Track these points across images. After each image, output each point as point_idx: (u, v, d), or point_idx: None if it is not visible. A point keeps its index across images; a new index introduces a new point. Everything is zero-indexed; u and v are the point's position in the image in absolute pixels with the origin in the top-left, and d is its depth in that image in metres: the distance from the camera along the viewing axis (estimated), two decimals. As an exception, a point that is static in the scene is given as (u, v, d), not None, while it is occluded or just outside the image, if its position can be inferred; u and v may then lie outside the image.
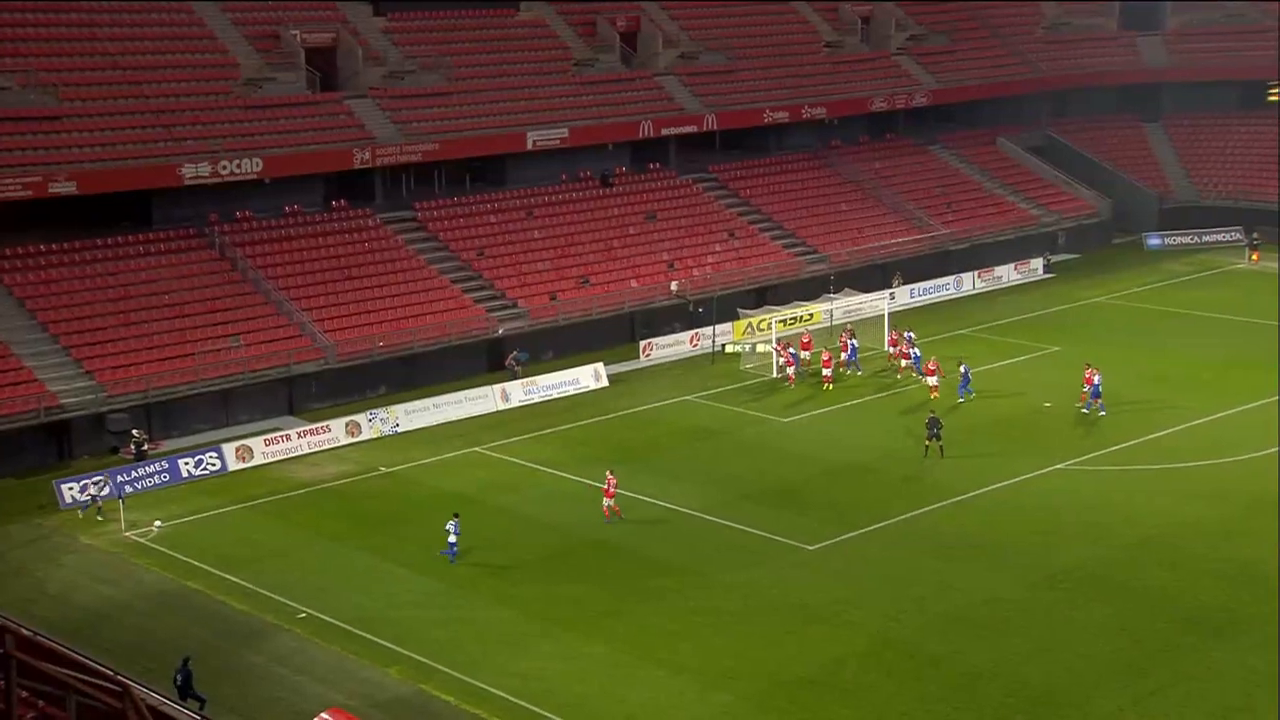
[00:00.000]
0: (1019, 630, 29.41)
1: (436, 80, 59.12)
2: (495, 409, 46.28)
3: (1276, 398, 44.38)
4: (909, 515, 36.06)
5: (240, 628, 30.22)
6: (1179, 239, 71.66)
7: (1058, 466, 39.33)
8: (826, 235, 63.96)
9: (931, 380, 46.26)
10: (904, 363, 49.27)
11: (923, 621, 30.03)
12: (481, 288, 54.18)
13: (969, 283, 63.87)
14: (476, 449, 42.45)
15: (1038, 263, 66.53)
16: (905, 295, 61.16)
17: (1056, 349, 52.24)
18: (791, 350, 49.16)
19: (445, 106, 58.51)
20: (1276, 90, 78.68)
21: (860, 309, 56.56)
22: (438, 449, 42.35)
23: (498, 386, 47.20)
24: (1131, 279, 64.73)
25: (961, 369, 47.45)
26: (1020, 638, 29.11)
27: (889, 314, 53.93)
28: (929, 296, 62.14)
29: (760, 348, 51.95)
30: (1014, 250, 66.91)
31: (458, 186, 59.90)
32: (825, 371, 47.29)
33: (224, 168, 49.85)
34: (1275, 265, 65.19)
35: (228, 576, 32.84)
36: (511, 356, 49.86)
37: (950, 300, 61.97)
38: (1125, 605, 30.29)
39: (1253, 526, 34.34)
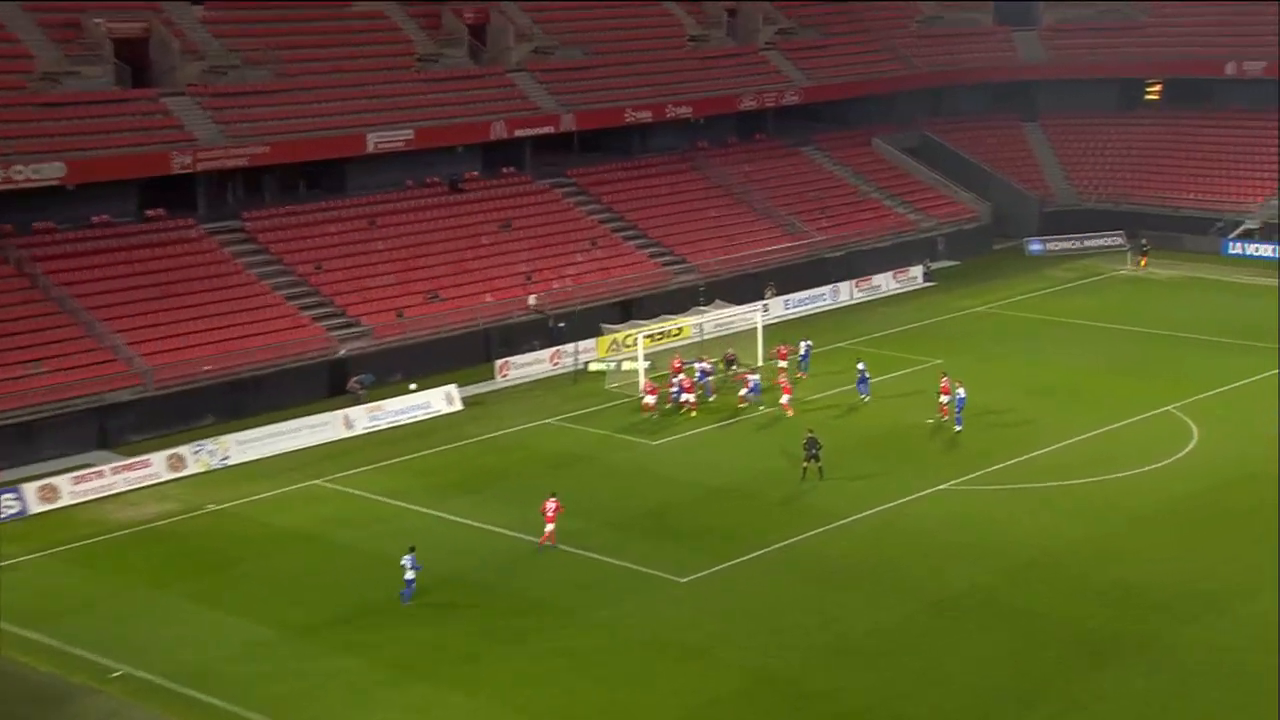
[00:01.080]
0: (904, 662, 30.02)
1: (264, 76, 57.96)
2: (337, 437, 45.62)
3: (1167, 409, 46.39)
4: (787, 542, 36.52)
5: (45, 692, 28.98)
6: (1060, 244, 74.50)
7: (941, 486, 40.36)
8: (695, 243, 64.60)
9: (784, 399, 47.19)
10: (781, 363, 50.22)
11: (803, 656, 30.38)
12: (320, 305, 53.31)
13: (846, 293, 65.22)
14: (317, 481, 41.72)
15: (917, 270, 68.36)
16: (779, 307, 62.08)
17: (938, 361, 53.66)
18: (699, 371, 48.72)
19: (275, 105, 57.39)
20: (1155, 89, 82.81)
21: (732, 322, 57.21)
22: (274, 483, 41.52)
23: (340, 413, 46.61)
24: (1013, 286, 66.99)
25: (859, 367, 48.91)
26: (905, 670, 29.71)
27: (762, 327, 54.68)
28: (804, 308, 63.21)
29: (626, 365, 52.16)
30: (892, 257, 68.62)
31: (291, 194, 58.81)
32: (687, 397, 47.35)
33: (18, 173, 47.95)
34: (1165, 272, 68.23)
35: (29, 634, 31.47)
36: (354, 380, 49.20)
37: (827, 311, 63.12)
38: (1012, 632, 31.19)
39: (1136, 546, 35.73)
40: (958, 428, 44.36)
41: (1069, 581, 33.70)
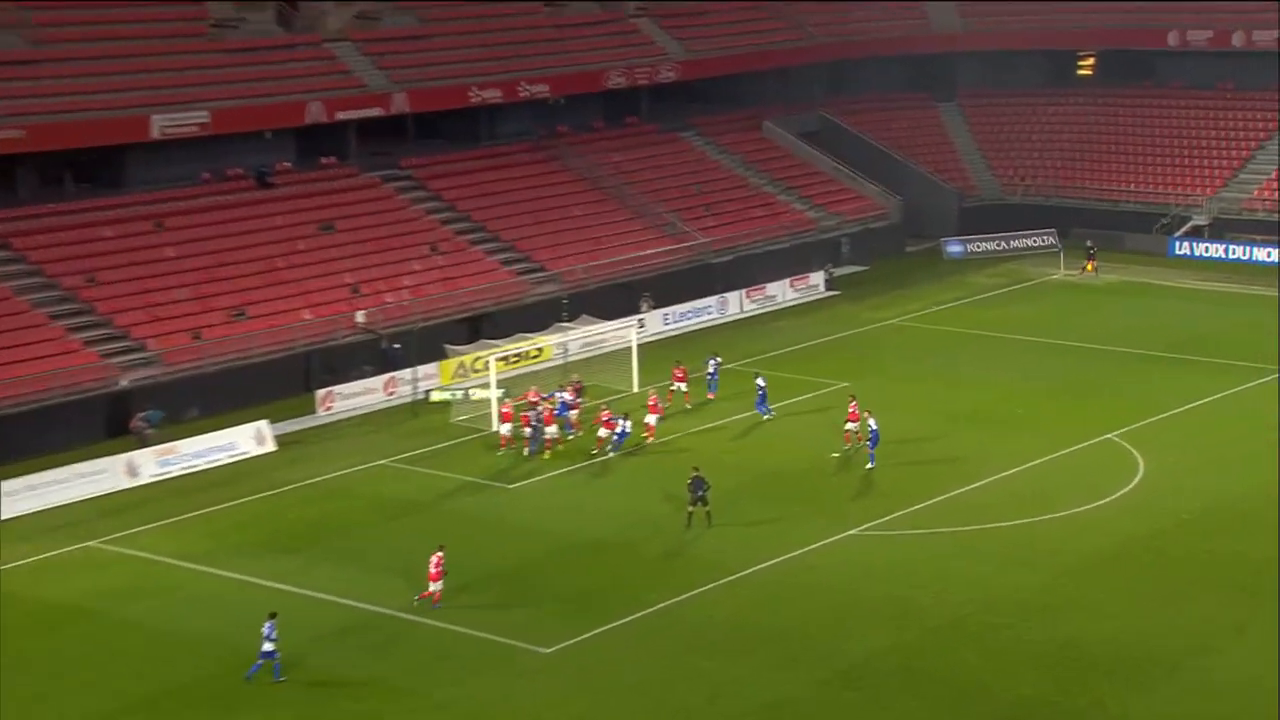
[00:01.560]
0: (810, 742, 30.32)
1: (13, 43, 56.36)
2: (119, 487, 44.63)
3: (1109, 437, 47.74)
4: (670, 602, 36.58)
5: None
6: (984, 245, 76.33)
7: (850, 532, 40.88)
8: (556, 248, 64.76)
9: (650, 419, 47.66)
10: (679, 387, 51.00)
11: (690, 740, 30.53)
12: (95, 326, 52.06)
13: (735, 304, 65.86)
14: (93, 543, 40.68)
15: (818, 277, 69.39)
16: (657, 322, 62.52)
17: (844, 385, 54.46)
18: (561, 402, 48.83)
19: (30, 81, 55.94)
20: (1088, 62, 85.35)
21: (603, 341, 57.46)
22: (37, 545, 40.39)
23: (121, 458, 45.63)
24: (930, 295, 68.36)
25: (759, 384, 49.71)
26: (812, 752, 30.03)
27: (637, 346, 54.89)
28: (687, 323, 63.70)
29: (476, 394, 52.02)
30: (789, 262, 69.51)
31: (54, 189, 57.35)
32: (550, 432, 47.09)
33: None
34: (1103, 276, 70.35)
35: None
36: (140, 417, 48.18)
37: (714, 327, 63.63)
38: (935, 703, 31.61)
39: (1076, 599, 36.50)
40: (870, 465, 45.01)
41: (1001, 642, 34.30)
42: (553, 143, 71.06)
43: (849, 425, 46.36)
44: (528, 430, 47.70)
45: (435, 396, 52.92)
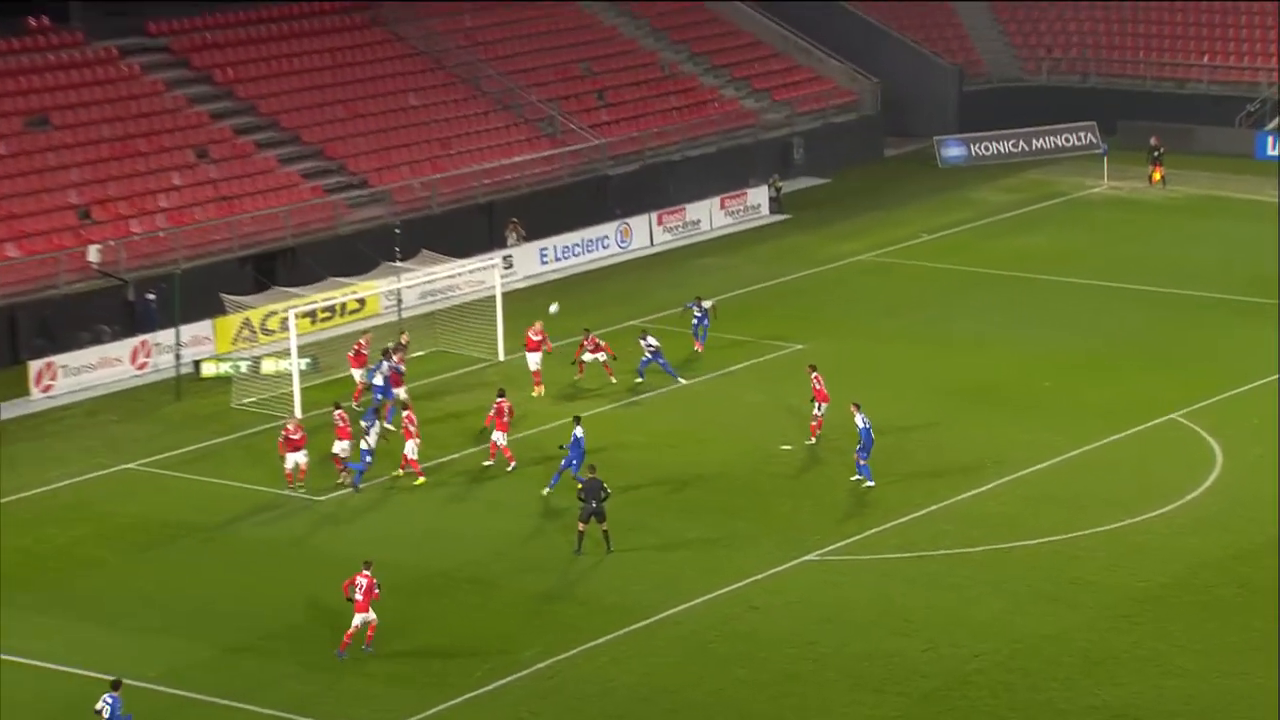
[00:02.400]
0: None
1: None
2: None
3: (1172, 418, 48.37)
4: (553, 661, 36.58)
5: None
6: (995, 146, 76.92)
7: (809, 557, 41.07)
8: (383, 154, 64.57)
9: (538, 391, 48.62)
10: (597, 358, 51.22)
11: None
12: None
13: (643, 234, 65.89)
14: None
15: (760, 195, 69.54)
16: (531, 261, 62.29)
17: (799, 347, 54.64)
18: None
19: None
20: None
21: (453, 287, 57.31)
22: None
23: None
24: (918, 218, 68.73)
25: (647, 343, 50.90)
26: None
27: (503, 294, 54.65)
28: (574, 260, 63.69)
29: (270, 365, 51.60)
30: (719, 173, 69.71)
31: None
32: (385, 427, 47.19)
33: None
34: (1164, 190, 71.14)
35: None
36: None
37: (612, 266, 63.71)
38: (931, 798, 32.06)
39: (1131, 647, 36.87)
40: (865, 482, 44.99)
41: (1020, 714, 34.61)
42: (374, 2, 70.50)
43: (817, 408, 46.47)
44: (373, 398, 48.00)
45: (209, 369, 52.62)
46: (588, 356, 51.32)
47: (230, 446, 48.27)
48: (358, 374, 50.23)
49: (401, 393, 48.93)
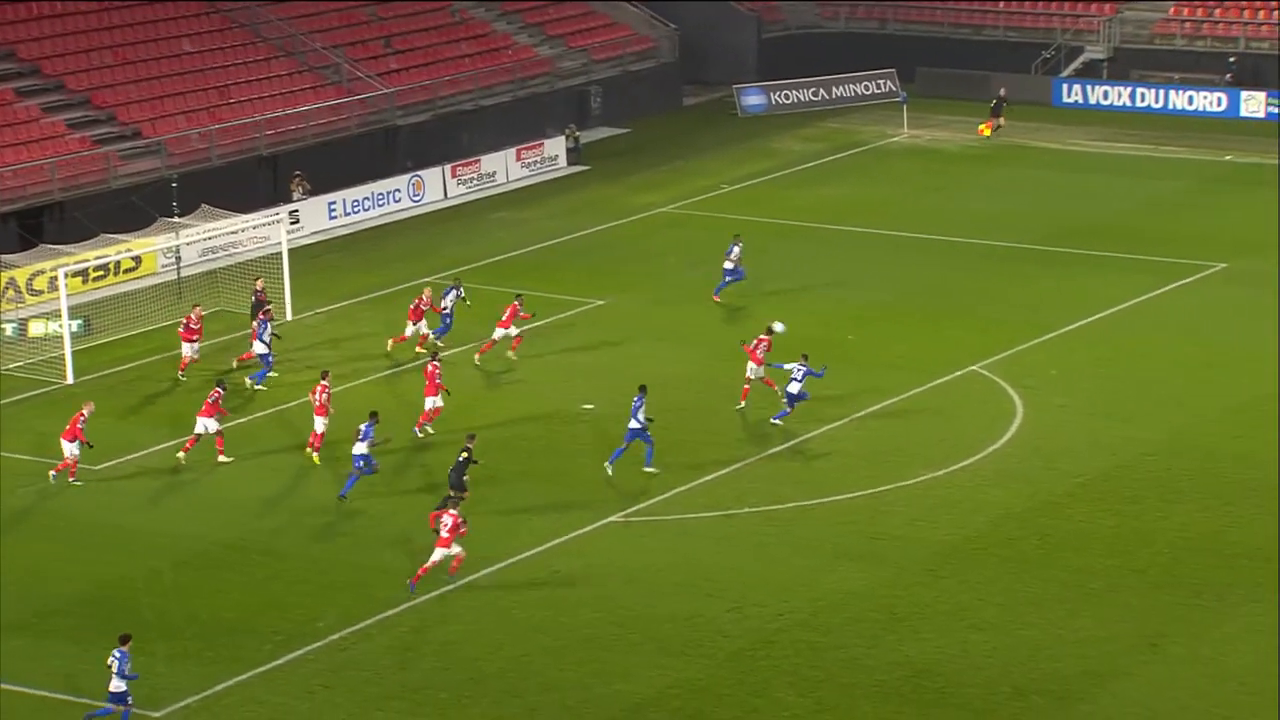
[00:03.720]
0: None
1: None
2: None
3: (974, 369, 49.02)
4: (348, 632, 36.37)
5: None
6: (796, 94, 77.44)
7: (613, 519, 41.22)
8: (156, 104, 63.82)
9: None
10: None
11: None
12: None
13: (436, 187, 65.65)
14: None
15: (557, 145, 69.53)
16: (319, 215, 61.98)
17: (600, 302, 54.68)
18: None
19: None
20: None
21: (236, 244, 56.66)
22: None
23: None
24: (719, 169, 69.15)
25: (447, 300, 50.20)
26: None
27: (289, 250, 54.33)
28: (363, 215, 63.35)
29: (39, 327, 51.06)
30: (514, 124, 69.67)
31: None
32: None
33: None
34: (961, 136, 72.03)
35: None
36: None
37: (404, 220, 63.48)
38: (737, 761, 32.30)
39: (935, 602, 37.45)
40: (777, 419, 45.70)
41: (826, 672, 34.93)
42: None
43: (753, 370, 46.50)
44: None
45: (-26, 331, 51.73)
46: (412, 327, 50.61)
47: (-5, 416, 47.50)
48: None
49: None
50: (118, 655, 32.74)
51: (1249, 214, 61.24)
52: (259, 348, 48.54)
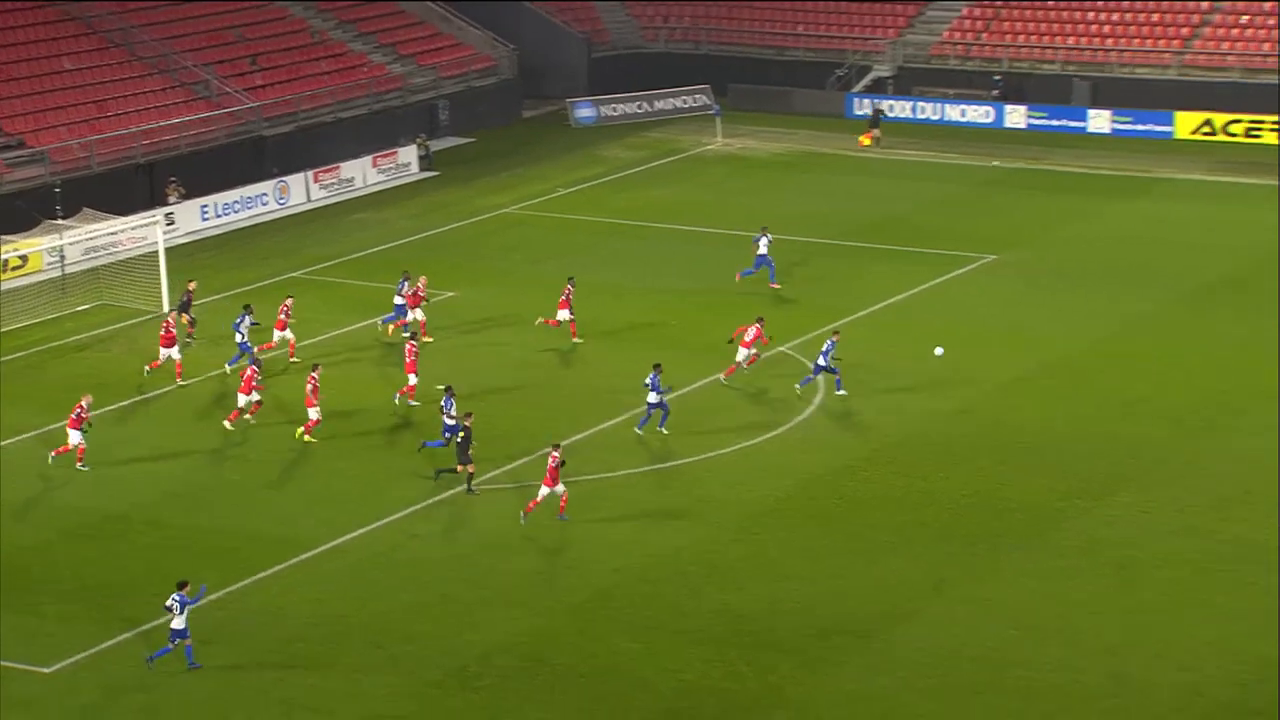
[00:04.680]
0: (417, 767, 30.35)
1: None
2: None
3: (783, 350, 49.24)
4: (225, 592, 36.00)
5: None
6: (621, 107, 77.59)
7: (461, 489, 41.01)
8: (40, 116, 62.72)
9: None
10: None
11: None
12: None
13: (300, 191, 65.05)
14: None
15: (410, 154, 69.15)
16: (192, 218, 61.14)
17: (451, 294, 54.41)
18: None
19: None
20: None
21: (116, 244, 55.92)
22: None
23: None
24: (555, 174, 69.11)
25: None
26: (420, 779, 30.08)
27: (165, 250, 53.64)
28: (234, 217, 62.64)
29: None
30: (370, 134, 69.24)
31: None
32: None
33: None
34: (768, 145, 72.50)
35: None
36: None
37: (271, 222, 62.88)
38: (577, 699, 32.12)
39: (751, 557, 37.75)
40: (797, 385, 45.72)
41: (656, 620, 35.07)
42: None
43: (742, 353, 46.47)
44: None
45: None
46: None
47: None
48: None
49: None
50: (176, 599, 32.58)
51: (1013, 212, 62.27)
52: (238, 337, 47.16)
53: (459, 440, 40.87)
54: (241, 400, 44.16)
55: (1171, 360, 47.84)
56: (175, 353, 46.79)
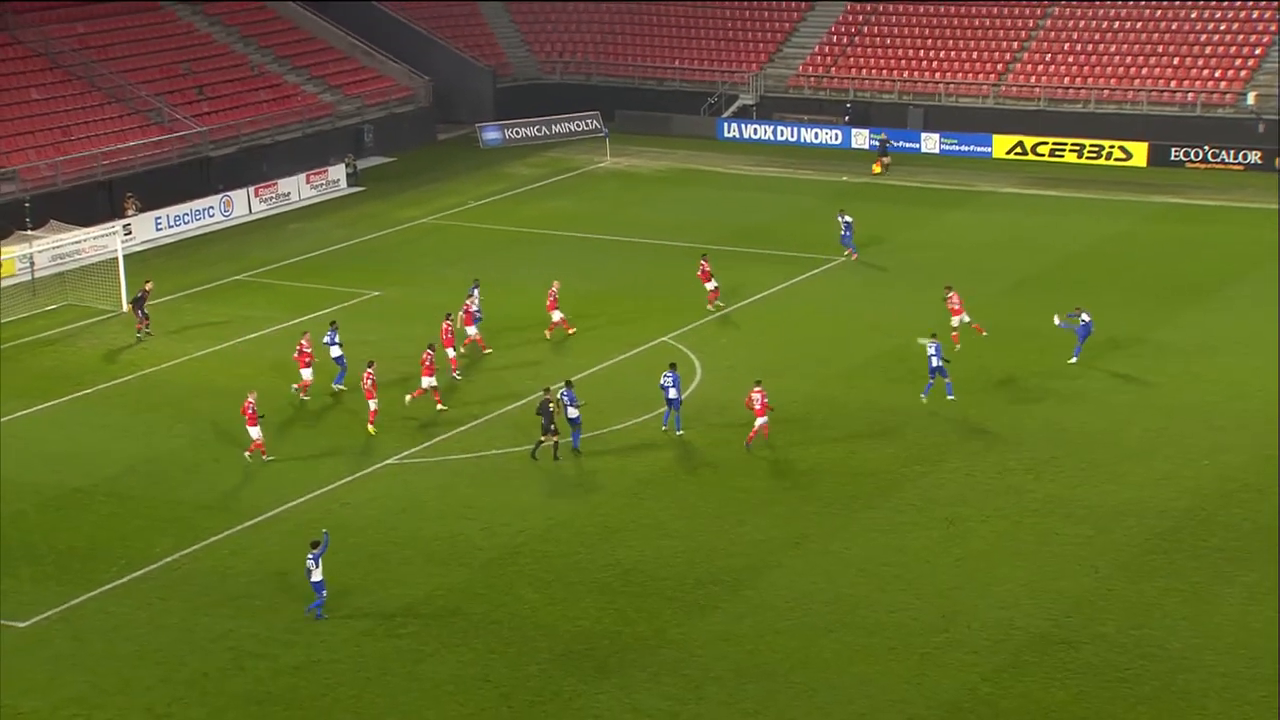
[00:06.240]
0: (344, 705, 30.23)
1: None
2: None
3: (663, 340, 49.38)
4: (179, 555, 35.81)
5: None
6: (523, 131, 77.50)
7: (388, 462, 40.93)
8: (12, 139, 61.81)
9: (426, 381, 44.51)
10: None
11: (205, 713, 29.96)
12: None
13: (243, 204, 64.48)
14: None
15: (339, 171, 68.77)
16: (147, 228, 60.55)
17: (376, 293, 54.19)
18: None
19: None
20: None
21: (79, 252, 55.22)
22: None
23: None
24: (466, 189, 68.92)
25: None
26: (345, 713, 29.93)
27: (123, 257, 53.31)
28: (184, 228, 62.08)
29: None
30: (304, 154, 68.70)
31: None
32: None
33: None
34: (652, 164, 72.68)
35: None
36: None
37: (217, 231, 62.40)
38: (488, 646, 32.22)
39: (637, 519, 37.90)
40: (949, 395, 43.98)
41: (556, 574, 35.17)
42: (-2, 13, 67.26)
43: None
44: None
45: None
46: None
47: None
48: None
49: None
50: (311, 556, 32.70)
51: (860, 219, 62.71)
52: (334, 352, 45.15)
53: (543, 411, 40.38)
54: (425, 382, 43.55)
55: (992, 343, 48.42)
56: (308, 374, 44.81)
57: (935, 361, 43.93)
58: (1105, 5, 77.61)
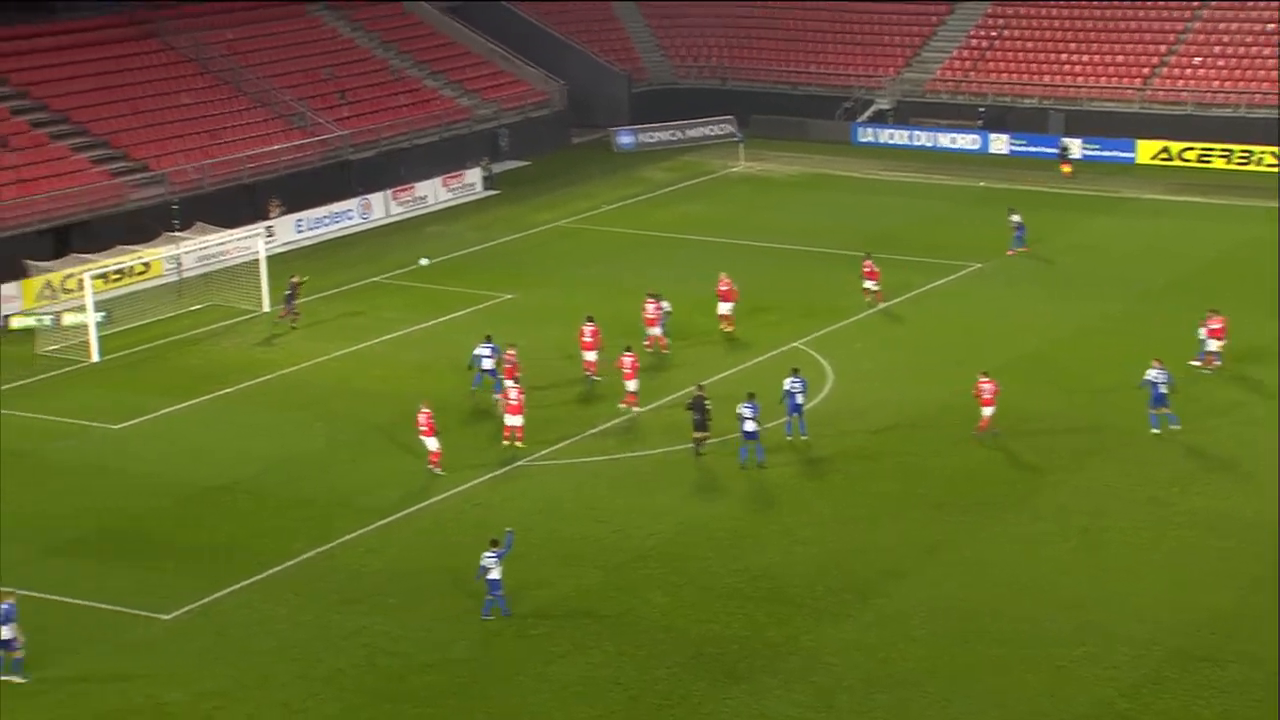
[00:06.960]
0: (474, 704, 30.41)
1: None
2: None
3: (795, 345, 49.14)
4: (316, 552, 36.27)
5: None
6: (657, 135, 77.59)
7: (521, 463, 41.17)
8: (160, 143, 62.82)
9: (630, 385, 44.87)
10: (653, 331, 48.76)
11: (340, 709, 30.24)
12: None
13: (380, 207, 65.18)
14: None
15: (474, 175, 69.23)
16: (289, 230, 61.39)
17: (509, 296, 54.56)
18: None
19: None
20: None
21: (224, 253, 56.13)
22: None
23: None
24: (600, 193, 69.09)
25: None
26: (476, 713, 30.09)
27: (266, 259, 54.07)
28: (324, 230, 62.82)
29: (69, 318, 50.32)
30: (441, 158, 69.20)
31: None
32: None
33: None
34: (786, 168, 72.47)
35: None
36: None
37: (356, 234, 63.06)
38: (618, 648, 32.25)
39: (768, 524, 37.78)
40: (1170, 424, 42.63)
41: (686, 578, 35.10)
42: (149, 15, 68.57)
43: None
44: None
45: (17, 323, 51.15)
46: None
47: (37, 386, 46.84)
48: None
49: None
50: (491, 555, 33.05)
51: (998, 226, 61.91)
52: (487, 365, 45.16)
53: (696, 407, 40.76)
54: (632, 386, 44.14)
55: (1138, 351, 47.54)
56: (593, 355, 45.58)
57: (1162, 389, 42.01)
58: (1257, 6, 75.96)
